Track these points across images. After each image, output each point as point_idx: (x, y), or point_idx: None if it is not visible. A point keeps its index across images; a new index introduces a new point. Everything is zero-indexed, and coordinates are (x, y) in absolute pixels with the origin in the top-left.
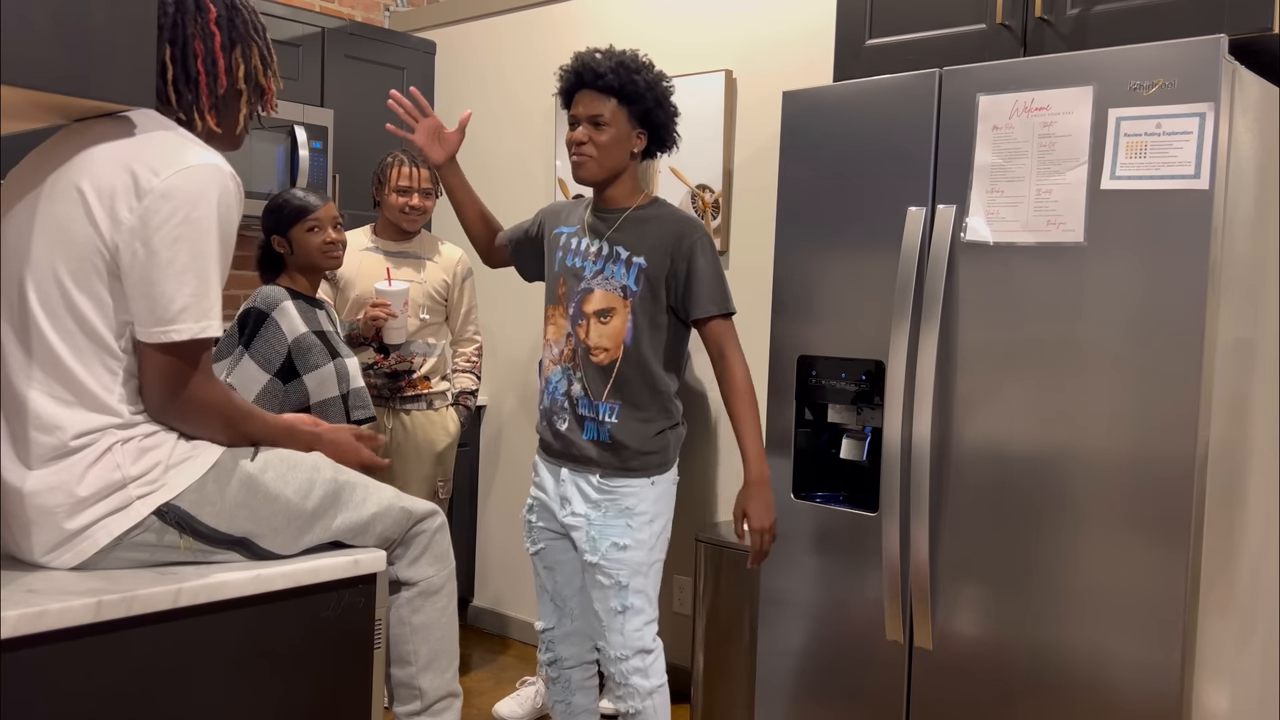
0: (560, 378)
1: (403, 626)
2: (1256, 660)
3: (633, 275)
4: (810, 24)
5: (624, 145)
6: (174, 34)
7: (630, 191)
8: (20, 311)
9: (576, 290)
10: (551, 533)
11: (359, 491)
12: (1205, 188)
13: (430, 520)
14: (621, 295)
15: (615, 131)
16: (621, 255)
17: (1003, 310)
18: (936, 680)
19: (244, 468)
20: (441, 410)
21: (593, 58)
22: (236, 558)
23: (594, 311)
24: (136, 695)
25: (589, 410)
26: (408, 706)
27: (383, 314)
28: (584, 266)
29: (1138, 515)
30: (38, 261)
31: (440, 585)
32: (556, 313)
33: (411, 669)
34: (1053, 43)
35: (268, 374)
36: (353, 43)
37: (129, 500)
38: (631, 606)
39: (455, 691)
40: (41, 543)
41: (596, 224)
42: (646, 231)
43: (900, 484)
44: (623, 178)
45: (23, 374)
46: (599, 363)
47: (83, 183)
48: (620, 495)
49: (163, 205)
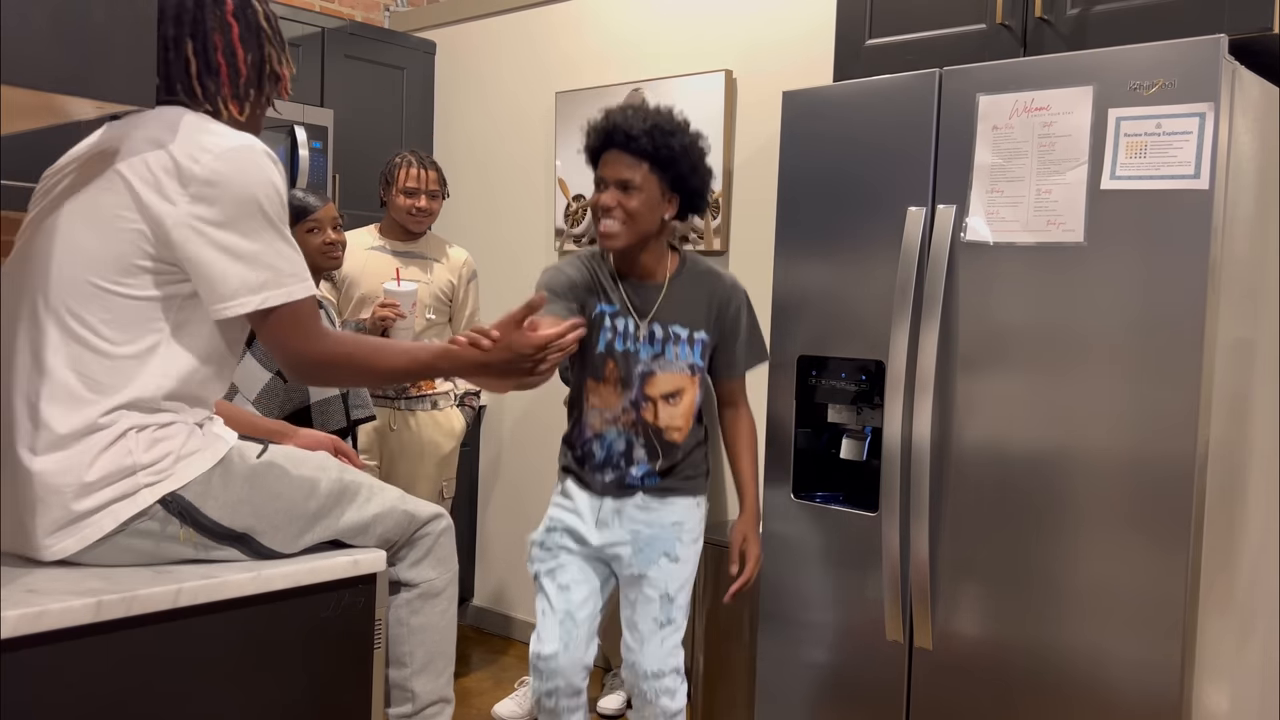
0: (618, 438)
1: (401, 627)
2: (1256, 660)
3: (697, 352)
4: (810, 24)
5: (655, 212)
6: (195, 28)
7: (660, 258)
8: (54, 294)
9: (633, 374)
10: (574, 553)
11: (364, 492)
12: (1205, 188)
13: (435, 523)
14: (689, 374)
15: (646, 198)
16: (681, 335)
17: (1003, 310)
18: (936, 680)
19: (250, 464)
20: (446, 411)
21: (625, 117)
22: (237, 555)
23: (662, 395)
24: (136, 695)
25: (648, 465)
26: (400, 709)
27: (391, 314)
28: (638, 351)
29: (1138, 515)
30: (79, 246)
31: (441, 589)
32: (603, 389)
33: (406, 670)
34: (1053, 43)
35: (269, 372)
36: (353, 43)
37: (136, 487)
38: (674, 621)
39: (447, 697)
40: (45, 524)
41: (638, 301)
42: (694, 301)
43: (900, 484)
44: (654, 245)
45: (51, 352)
46: (674, 441)
47: (130, 176)
48: (670, 510)
49: (209, 191)
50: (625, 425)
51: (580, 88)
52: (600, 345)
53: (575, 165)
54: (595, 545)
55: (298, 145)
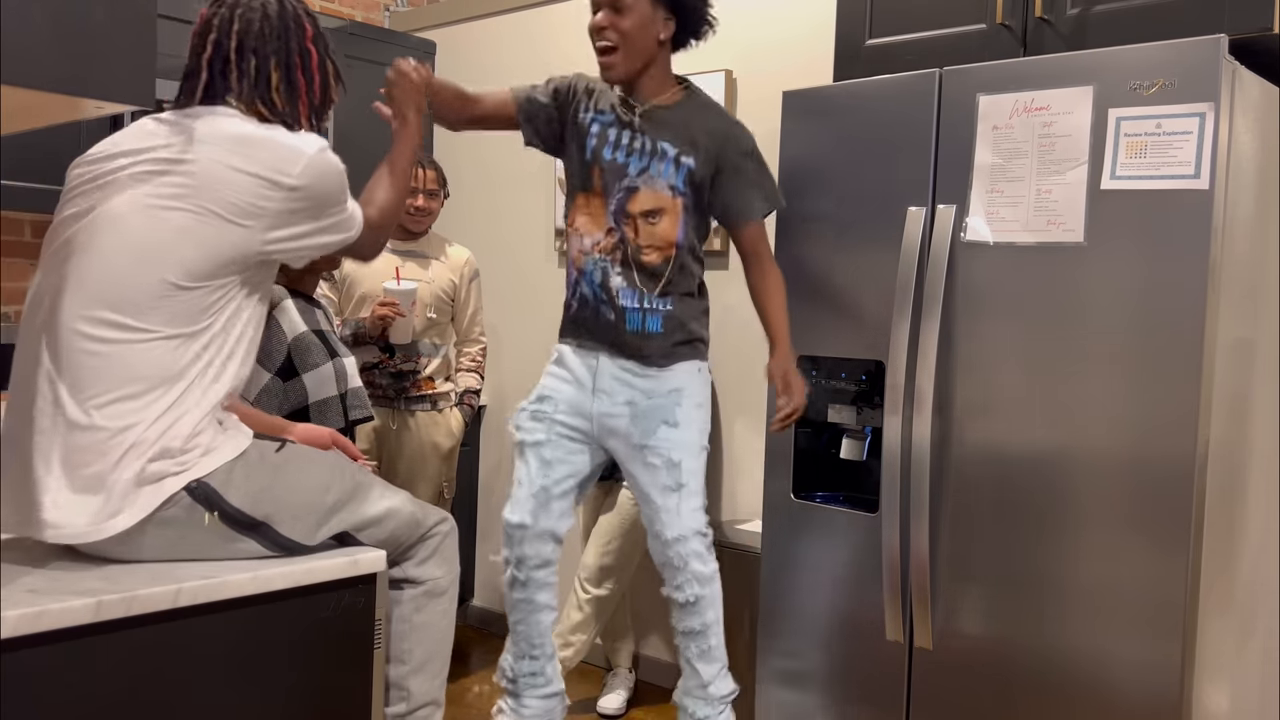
0: (594, 268)
1: (403, 624)
2: (1256, 660)
3: (681, 176)
4: (810, 24)
5: (649, 30)
6: (278, 45)
7: (663, 83)
8: (109, 287)
9: (618, 186)
10: (566, 428)
11: (376, 489)
12: (1205, 188)
13: (443, 525)
14: (670, 195)
15: (638, 16)
16: (669, 153)
17: (1003, 310)
18: (936, 680)
19: (269, 457)
20: (446, 411)
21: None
22: (257, 549)
23: (641, 212)
24: (136, 695)
25: (632, 301)
26: (394, 708)
27: (390, 313)
28: (627, 163)
29: (1138, 515)
30: (141, 242)
31: (445, 589)
32: (591, 202)
33: (404, 668)
34: (1053, 43)
35: (269, 372)
36: (353, 43)
37: (163, 474)
38: (686, 485)
39: (439, 700)
40: (88, 509)
41: (633, 117)
42: (691, 128)
43: (900, 484)
44: (653, 69)
45: (96, 344)
46: (650, 261)
47: (205, 197)
48: (668, 378)
49: (302, 204)
50: (605, 251)
51: None
52: (589, 153)
53: None
54: (592, 414)
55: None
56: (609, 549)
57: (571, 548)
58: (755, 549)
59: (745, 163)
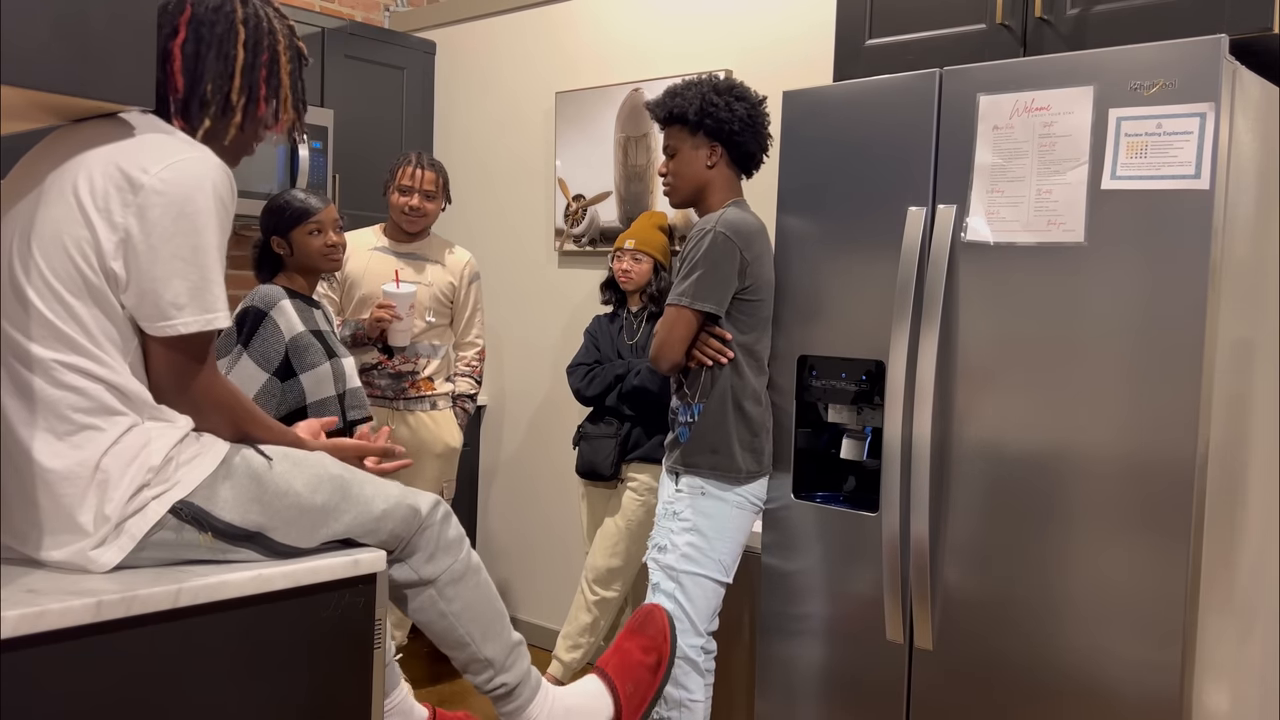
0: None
1: (444, 620)
2: (1256, 660)
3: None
4: (810, 24)
5: (693, 163)
6: (256, 56)
7: (721, 203)
8: (20, 312)
9: None
10: None
11: (368, 487)
12: (1205, 188)
13: (434, 513)
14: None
15: (682, 155)
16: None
17: (1003, 310)
18: (936, 680)
19: (252, 464)
20: (445, 411)
21: (653, 99)
22: (254, 555)
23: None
24: (136, 695)
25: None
26: (482, 676)
27: (387, 315)
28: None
29: (1138, 515)
30: (41, 265)
31: (462, 570)
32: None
33: (471, 648)
34: (1053, 43)
35: (266, 373)
36: (353, 43)
37: (145, 501)
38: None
39: (517, 640)
40: (78, 540)
41: None
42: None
43: (900, 484)
44: (709, 192)
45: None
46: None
47: (78, 185)
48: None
49: (157, 201)
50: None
51: (580, 88)
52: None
53: (575, 165)
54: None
55: (297, 145)
56: (616, 550)
57: (576, 550)
58: (755, 549)
59: (684, 258)
